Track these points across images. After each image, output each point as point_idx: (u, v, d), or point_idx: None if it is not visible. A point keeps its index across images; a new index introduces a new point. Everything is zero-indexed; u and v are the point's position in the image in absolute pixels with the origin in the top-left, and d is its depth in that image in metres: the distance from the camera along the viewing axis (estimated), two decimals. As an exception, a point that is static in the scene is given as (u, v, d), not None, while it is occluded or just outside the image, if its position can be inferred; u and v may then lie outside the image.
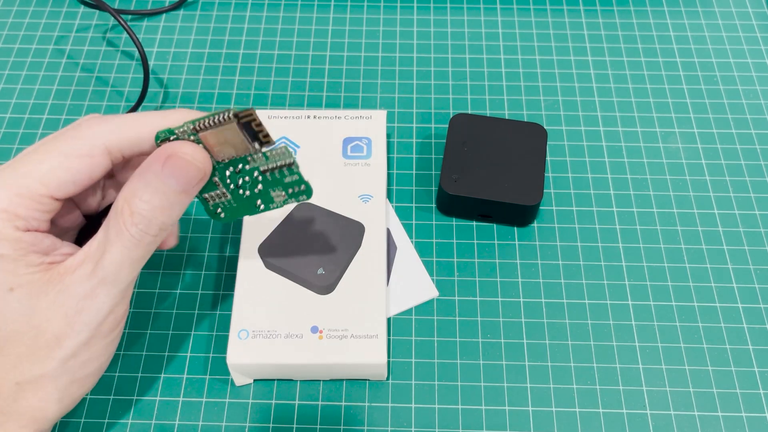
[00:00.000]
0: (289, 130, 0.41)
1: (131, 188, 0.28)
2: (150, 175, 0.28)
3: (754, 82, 0.47)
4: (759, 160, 0.44)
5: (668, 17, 0.50)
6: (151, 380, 0.36)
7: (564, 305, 0.38)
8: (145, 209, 0.28)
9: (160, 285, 0.39)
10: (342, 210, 0.39)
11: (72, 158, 0.28)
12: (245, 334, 0.35)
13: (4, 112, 0.46)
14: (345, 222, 0.38)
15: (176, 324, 0.38)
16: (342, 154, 0.41)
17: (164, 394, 0.36)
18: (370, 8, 0.51)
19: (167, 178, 0.28)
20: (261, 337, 0.35)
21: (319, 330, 0.35)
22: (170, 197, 0.29)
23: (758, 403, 0.36)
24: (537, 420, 0.35)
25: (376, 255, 0.37)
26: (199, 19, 0.50)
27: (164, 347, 0.37)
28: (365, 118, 0.42)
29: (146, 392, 0.36)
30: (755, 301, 0.39)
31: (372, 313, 0.35)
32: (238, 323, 0.35)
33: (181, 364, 0.37)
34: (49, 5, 0.51)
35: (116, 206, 0.28)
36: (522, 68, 0.48)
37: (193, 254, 0.40)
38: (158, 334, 0.37)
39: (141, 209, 0.28)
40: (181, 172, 0.28)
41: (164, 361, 0.37)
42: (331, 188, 0.39)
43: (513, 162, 0.40)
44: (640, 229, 0.41)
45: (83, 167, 0.29)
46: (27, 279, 0.28)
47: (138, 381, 0.36)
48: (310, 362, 0.34)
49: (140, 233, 0.28)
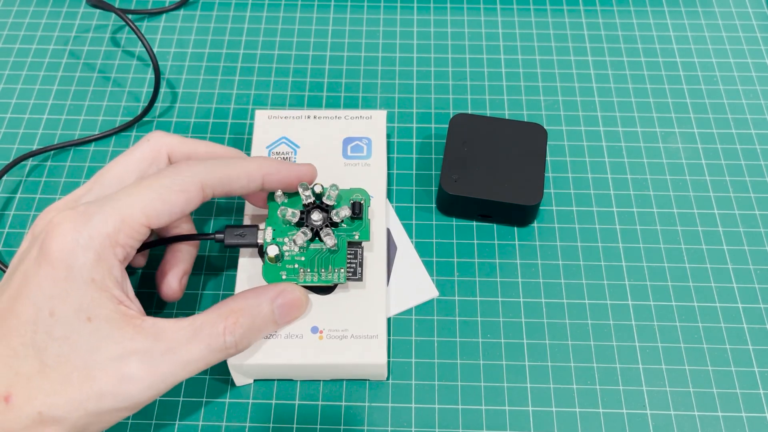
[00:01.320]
0: (289, 130, 0.41)
1: (244, 303, 0.31)
2: (263, 300, 0.33)
3: (754, 82, 0.47)
4: (759, 160, 0.44)
5: (668, 17, 0.50)
6: (152, 380, 0.36)
7: (564, 305, 0.38)
8: (248, 325, 0.31)
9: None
10: None
11: (172, 192, 0.30)
12: None
13: (4, 112, 0.46)
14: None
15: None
16: (342, 154, 0.41)
17: (164, 394, 0.36)
18: (370, 8, 0.51)
19: (277, 309, 0.33)
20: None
21: (319, 330, 0.35)
22: (269, 325, 0.33)
23: (758, 403, 0.36)
24: (537, 420, 0.35)
25: (376, 255, 0.37)
26: (200, 20, 0.50)
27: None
28: (365, 118, 0.42)
29: (146, 392, 0.36)
30: (755, 301, 0.39)
31: (372, 313, 0.35)
32: None
33: (181, 364, 0.37)
34: (49, 5, 0.51)
35: (221, 311, 0.31)
36: (522, 68, 0.48)
37: (193, 254, 0.40)
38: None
39: (245, 324, 0.31)
40: (290, 308, 0.34)
41: (164, 361, 0.37)
42: None
43: (513, 162, 0.40)
44: (640, 229, 0.41)
45: (180, 201, 0.31)
46: (107, 314, 0.28)
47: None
48: (310, 362, 0.34)
49: (232, 343, 0.30)
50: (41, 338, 0.27)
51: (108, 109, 0.46)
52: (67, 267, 0.27)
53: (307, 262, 0.35)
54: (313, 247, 0.35)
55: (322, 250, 0.35)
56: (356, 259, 0.36)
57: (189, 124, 0.45)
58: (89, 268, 0.28)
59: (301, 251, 0.35)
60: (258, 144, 0.41)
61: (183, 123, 0.45)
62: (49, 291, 0.27)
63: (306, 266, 0.35)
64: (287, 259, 0.35)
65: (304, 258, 0.35)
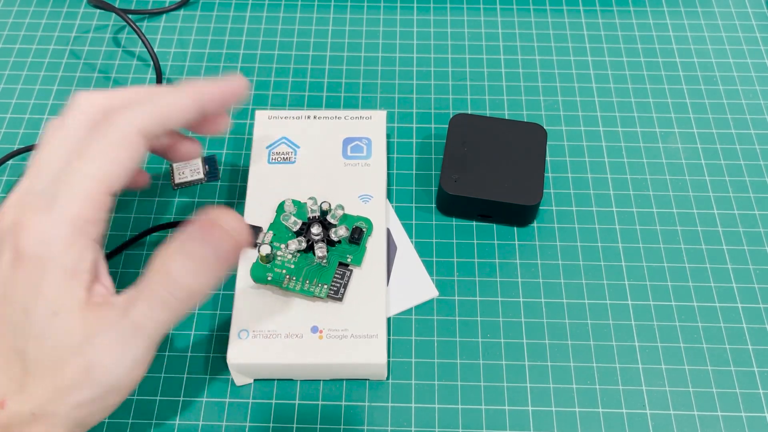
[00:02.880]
0: (289, 130, 0.41)
1: (170, 250, 0.29)
2: (189, 242, 0.29)
3: (753, 82, 0.47)
4: (759, 160, 0.44)
5: (668, 17, 0.51)
6: (152, 380, 0.36)
7: (564, 305, 0.38)
8: (179, 273, 0.28)
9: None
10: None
11: (119, 150, 0.29)
12: (245, 334, 0.35)
13: (4, 112, 0.46)
14: None
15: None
16: (342, 155, 0.41)
17: (164, 393, 0.36)
18: (370, 8, 0.51)
19: (205, 247, 0.29)
20: (261, 336, 0.35)
21: (319, 330, 0.35)
22: (204, 265, 0.29)
23: (758, 403, 0.36)
24: (537, 420, 0.35)
25: (377, 255, 0.37)
26: (200, 20, 0.50)
27: (164, 347, 0.37)
28: (365, 118, 0.42)
29: (146, 392, 0.36)
30: (755, 301, 0.39)
31: (372, 313, 0.35)
32: (238, 323, 0.35)
33: (181, 363, 0.37)
34: (49, 5, 0.51)
35: (153, 265, 0.28)
36: (522, 68, 0.48)
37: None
38: (158, 334, 0.38)
39: (174, 272, 0.28)
40: (219, 242, 0.29)
41: (164, 360, 0.37)
42: (332, 188, 0.39)
43: (513, 162, 0.40)
44: (639, 229, 0.41)
45: (129, 156, 0.29)
46: (70, 305, 0.27)
47: (138, 381, 0.36)
48: (310, 362, 0.34)
49: (168, 296, 0.28)
50: (20, 340, 0.27)
51: (108, 109, 0.46)
52: (41, 262, 0.27)
53: (296, 270, 0.36)
54: (304, 259, 0.36)
55: (313, 264, 0.36)
56: (342, 280, 0.36)
57: (189, 124, 0.45)
58: (62, 255, 0.27)
59: (293, 259, 0.36)
60: (258, 144, 0.41)
61: (183, 123, 0.45)
62: (23, 291, 0.27)
63: (293, 274, 0.36)
64: (278, 263, 0.36)
65: (293, 266, 0.36)
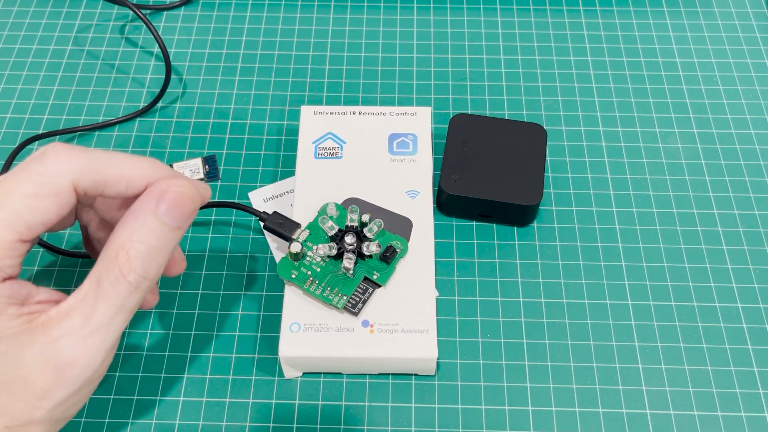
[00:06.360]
0: (334, 125, 0.42)
1: (126, 232, 0.27)
2: (145, 215, 0.27)
3: (753, 83, 0.47)
4: (759, 160, 0.44)
5: (668, 17, 0.51)
6: (152, 380, 0.36)
7: (564, 305, 0.38)
8: (143, 251, 0.27)
9: (161, 284, 0.39)
10: (390, 206, 0.39)
11: (40, 198, 0.27)
12: (297, 327, 0.35)
13: (4, 112, 0.46)
14: (393, 218, 0.38)
15: (176, 324, 0.38)
16: (388, 150, 0.41)
17: (164, 393, 0.36)
18: (370, 8, 0.51)
19: (164, 216, 0.28)
20: (312, 330, 0.35)
21: (370, 324, 0.35)
22: (167, 235, 0.28)
23: (758, 402, 0.36)
24: (537, 420, 0.35)
25: (424, 250, 0.37)
26: (200, 20, 0.50)
27: (164, 347, 0.37)
28: (410, 114, 0.42)
29: (147, 392, 0.36)
30: (755, 301, 0.39)
31: (422, 307, 0.36)
32: (290, 316, 0.35)
33: (181, 363, 0.37)
34: (49, 5, 0.51)
35: (109, 254, 0.27)
36: (522, 68, 0.48)
37: (193, 254, 0.40)
38: (158, 334, 0.38)
39: (139, 252, 0.27)
40: (178, 207, 0.28)
41: (164, 360, 0.37)
42: (379, 184, 0.39)
43: (513, 162, 0.40)
44: (639, 229, 0.41)
45: (51, 207, 0.27)
46: (9, 332, 0.27)
47: (138, 381, 0.36)
48: (361, 356, 0.34)
49: (138, 278, 0.27)
50: None
51: (110, 110, 0.46)
52: None
53: (320, 274, 0.36)
54: (332, 265, 0.36)
55: (338, 272, 0.36)
56: (363, 296, 0.36)
57: (189, 124, 0.45)
58: None
59: (320, 262, 0.36)
60: (304, 139, 0.41)
61: (183, 123, 0.45)
62: None
63: (317, 277, 0.36)
64: (306, 263, 0.36)
65: (319, 269, 0.36)
